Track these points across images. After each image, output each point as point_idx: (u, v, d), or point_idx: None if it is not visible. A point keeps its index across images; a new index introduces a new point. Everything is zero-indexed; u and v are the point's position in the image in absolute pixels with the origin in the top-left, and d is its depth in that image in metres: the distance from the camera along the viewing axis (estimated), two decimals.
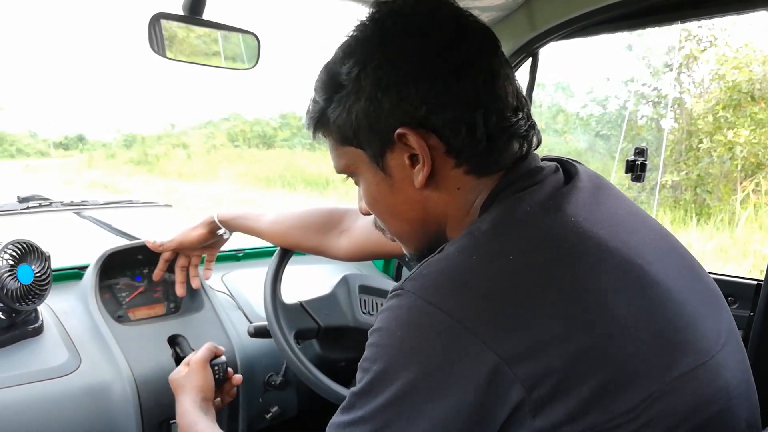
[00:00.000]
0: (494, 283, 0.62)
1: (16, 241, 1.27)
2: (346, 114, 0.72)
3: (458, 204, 0.75)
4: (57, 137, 20.14)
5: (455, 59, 0.69)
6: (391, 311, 0.65)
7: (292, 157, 14.35)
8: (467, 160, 0.72)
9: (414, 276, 0.66)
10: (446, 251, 0.67)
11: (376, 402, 0.62)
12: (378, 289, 1.38)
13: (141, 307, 1.49)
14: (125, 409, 1.26)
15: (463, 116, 0.69)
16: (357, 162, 0.77)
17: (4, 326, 1.26)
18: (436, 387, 0.59)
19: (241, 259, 1.89)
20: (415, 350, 0.61)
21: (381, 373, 0.62)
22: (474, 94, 0.69)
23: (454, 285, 0.62)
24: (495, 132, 0.70)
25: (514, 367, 0.58)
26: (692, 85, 7.90)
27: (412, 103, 0.69)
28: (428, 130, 0.70)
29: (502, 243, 0.65)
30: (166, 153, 16.49)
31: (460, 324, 0.59)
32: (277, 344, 1.21)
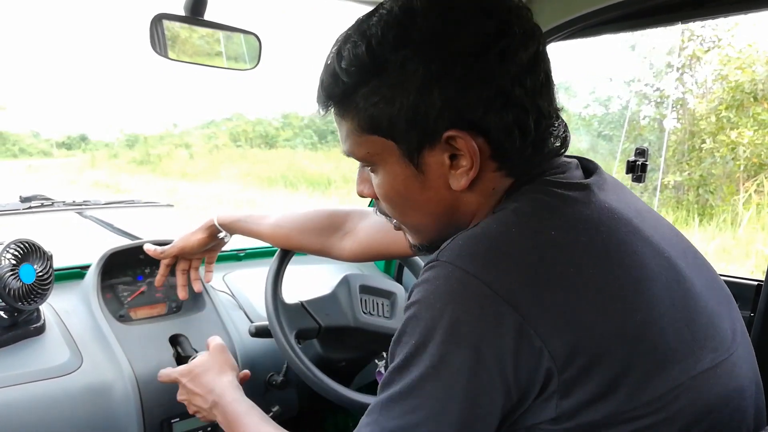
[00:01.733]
0: (535, 257, 0.62)
1: (19, 241, 1.28)
2: (384, 104, 0.67)
3: (489, 204, 0.73)
4: (59, 137, 20.16)
5: (518, 61, 0.65)
6: (427, 283, 0.63)
7: (293, 157, 14.35)
8: (511, 164, 0.70)
9: (450, 246, 0.64)
10: (482, 225, 0.66)
11: (413, 375, 0.61)
12: (379, 289, 1.38)
13: (142, 307, 1.50)
14: (126, 408, 1.26)
15: (518, 121, 0.66)
16: (383, 153, 0.72)
17: (6, 325, 1.26)
18: (471, 357, 0.59)
19: (243, 259, 1.90)
20: (452, 321, 0.60)
21: (418, 346, 0.61)
22: (531, 98, 0.67)
23: (494, 255, 0.62)
24: (542, 136, 0.69)
25: (547, 341, 0.58)
26: (695, 86, 7.89)
27: (468, 103, 0.65)
28: (478, 133, 0.67)
29: (541, 220, 0.65)
30: (168, 153, 16.50)
31: (497, 294, 0.59)
32: (278, 344, 1.21)
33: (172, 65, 1.21)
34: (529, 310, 0.58)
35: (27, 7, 25.32)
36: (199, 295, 1.53)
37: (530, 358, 0.58)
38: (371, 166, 0.76)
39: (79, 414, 1.21)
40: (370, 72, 0.67)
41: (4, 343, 1.25)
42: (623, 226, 0.67)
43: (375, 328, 1.32)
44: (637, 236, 0.67)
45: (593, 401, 0.59)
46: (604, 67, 9.99)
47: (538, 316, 0.58)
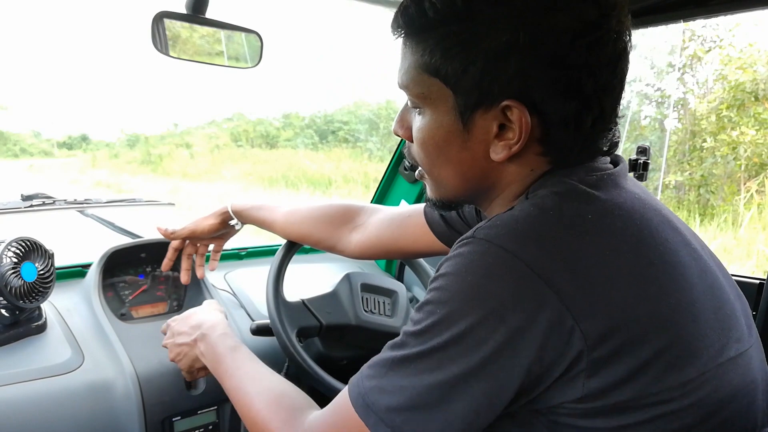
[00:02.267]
0: (572, 239, 0.62)
1: (20, 239, 1.28)
2: (460, 52, 0.65)
3: (523, 182, 0.72)
4: (61, 137, 20.19)
5: (601, 57, 0.64)
6: (461, 257, 0.63)
7: (294, 157, 14.36)
8: (556, 152, 0.69)
9: (487, 225, 0.64)
10: (519, 207, 0.66)
11: (432, 342, 0.61)
12: (380, 287, 1.38)
13: (144, 305, 1.50)
14: (128, 406, 1.26)
15: (578, 113, 0.66)
16: (437, 99, 0.70)
17: (7, 323, 1.27)
18: (500, 332, 0.59)
19: (244, 258, 1.90)
20: (485, 294, 0.60)
21: (443, 316, 0.61)
22: (598, 96, 0.65)
23: (532, 235, 0.62)
24: (595, 135, 0.69)
25: (581, 321, 0.58)
26: (696, 86, 7.88)
27: (537, 82, 0.64)
28: (534, 112, 0.66)
29: (578, 205, 0.65)
30: (169, 153, 16.51)
31: (534, 272, 0.59)
32: (280, 342, 1.22)
33: (173, 64, 1.21)
34: (566, 290, 0.59)
35: (28, 6, 25.34)
36: (200, 293, 1.54)
37: (561, 337, 0.59)
38: (419, 108, 0.73)
39: (81, 412, 1.21)
40: (459, 16, 0.64)
41: (5, 342, 1.25)
42: (654, 215, 0.68)
43: (376, 327, 1.32)
44: (668, 225, 0.68)
45: (621, 382, 0.59)
46: None
47: (573, 297, 0.59)
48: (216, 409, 1.40)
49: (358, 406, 0.65)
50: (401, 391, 0.62)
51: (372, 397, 0.64)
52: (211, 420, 1.40)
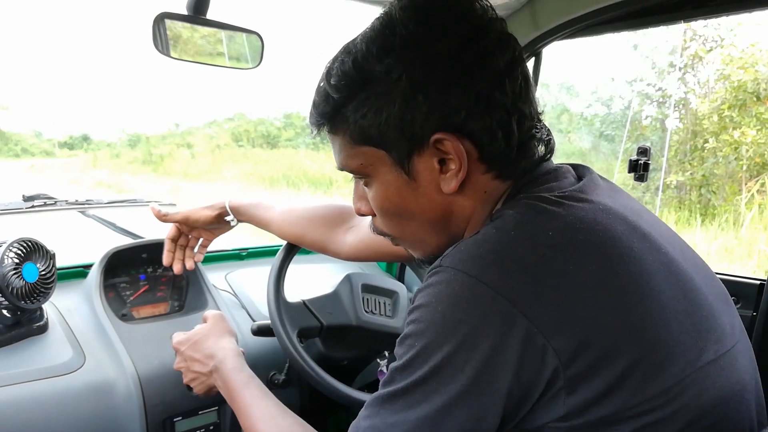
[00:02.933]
0: (535, 256, 0.62)
1: (21, 240, 1.28)
2: (373, 114, 0.69)
3: (484, 207, 0.75)
4: (62, 137, 20.27)
5: (496, 65, 0.68)
6: (431, 288, 0.64)
7: (295, 157, 14.38)
8: (498, 165, 0.72)
9: (451, 253, 0.65)
10: (482, 231, 0.67)
11: (414, 376, 0.62)
12: (381, 288, 1.38)
13: (145, 306, 1.50)
14: (129, 406, 1.26)
15: (501, 123, 0.69)
16: (375, 163, 0.74)
17: (9, 324, 1.27)
18: (475, 358, 0.59)
19: (245, 258, 1.90)
20: (454, 322, 0.61)
21: (421, 349, 0.62)
22: (512, 101, 0.69)
23: (494, 257, 0.63)
24: (525, 138, 0.71)
25: (551, 338, 0.59)
26: (697, 85, 7.87)
27: (451, 107, 0.67)
28: (464, 136, 0.69)
29: (539, 223, 0.65)
30: (170, 153, 16.56)
31: (499, 294, 0.59)
32: (281, 343, 1.22)
33: (174, 65, 1.22)
34: (532, 309, 0.59)
35: (29, 7, 25.34)
36: (201, 294, 1.54)
37: (534, 357, 0.59)
38: (365, 179, 0.77)
39: (82, 412, 1.21)
40: (358, 85, 0.70)
41: (6, 342, 1.26)
42: (619, 224, 0.67)
43: (377, 327, 1.32)
44: (634, 233, 0.68)
45: (601, 396, 0.60)
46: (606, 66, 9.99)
47: (541, 315, 0.59)
48: (217, 409, 1.41)
49: None
50: (392, 428, 0.63)
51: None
52: (212, 420, 1.40)
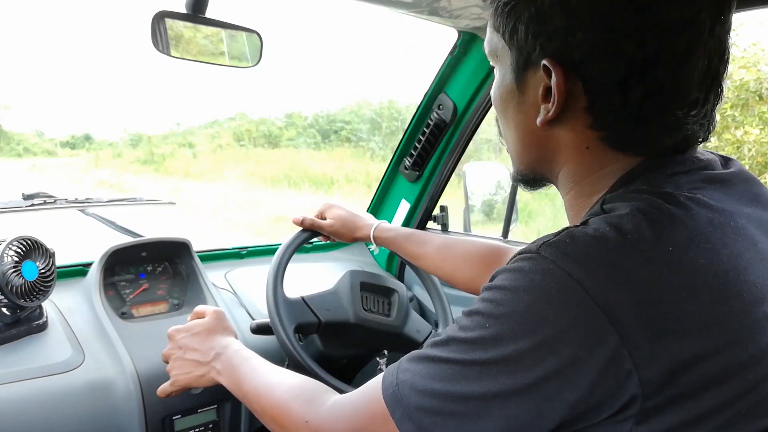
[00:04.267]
0: (647, 273, 0.55)
1: (21, 238, 1.28)
2: (513, 7, 0.66)
3: (584, 163, 0.68)
4: (64, 136, 20.30)
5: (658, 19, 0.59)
6: (521, 273, 0.58)
7: (297, 157, 14.39)
8: (605, 126, 0.65)
9: (555, 242, 0.58)
10: (595, 225, 0.58)
11: (476, 355, 0.58)
12: (380, 286, 1.38)
13: (144, 304, 1.51)
14: (128, 404, 1.26)
15: (621, 83, 0.61)
16: (501, 56, 0.70)
17: (8, 322, 1.27)
18: (548, 360, 0.54)
19: (244, 257, 1.90)
20: (539, 320, 0.55)
21: (493, 332, 0.57)
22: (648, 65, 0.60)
23: (603, 262, 0.55)
24: (652, 115, 0.62)
25: (641, 367, 0.53)
26: None
27: (580, 42, 0.61)
28: (578, 77, 0.63)
29: (660, 232, 0.57)
30: (172, 152, 16.58)
31: (598, 306, 0.53)
32: (279, 340, 1.22)
33: (175, 64, 1.22)
34: (629, 330, 0.53)
35: (31, 6, 25.40)
36: (201, 292, 1.54)
37: (615, 380, 0.54)
38: (495, 67, 0.74)
39: (82, 410, 1.21)
40: None
41: (6, 340, 1.26)
42: (746, 249, 0.59)
43: (374, 325, 1.32)
44: (761, 264, 0.59)
45: (673, 429, 0.55)
46: None
47: (637, 339, 0.53)
48: (216, 407, 1.41)
49: (388, 396, 0.63)
50: (434, 395, 0.59)
51: (404, 391, 0.62)
52: (212, 418, 1.40)
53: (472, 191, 1.97)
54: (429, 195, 1.90)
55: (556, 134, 0.68)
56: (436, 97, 1.76)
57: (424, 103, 1.79)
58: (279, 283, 1.27)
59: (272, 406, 0.84)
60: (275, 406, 0.84)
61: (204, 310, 1.17)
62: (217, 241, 1.75)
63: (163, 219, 3.59)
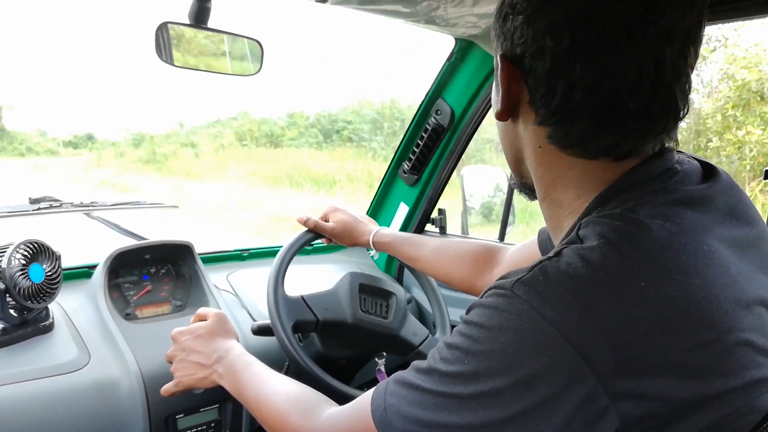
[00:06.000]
0: (620, 312, 0.55)
1: (28, 241, 1.31)
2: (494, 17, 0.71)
3: (543, 165, 0.71)
4: (66, 136, 20.31)
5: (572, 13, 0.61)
6: (496, 311, 0.59)
7: (299, 157, 14.40)
8: (548, 124, 0.66)
9: (526, 279, 0.59)
10: (567, 258, 0.59)
11: (456, 389, 0.59)
12: (378, 289, 1.41)
13: (148, 306, 1.54)
14: (132, 404, 1.29)
15: (548, 79, 0.63)
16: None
17: (16, 323, 1.30)
18: (526, 397, 0.56)
19: (246, 259, 1.93)
20: (516, 361, 0.56)
21: (471, 369, 0.59)
22: (568, 61, 0.61)
23: (576, 303, 0.56)
24: (580, 112, 0.63)
25: (617, 402, 0.54)
26: (701, 85, 7.82)
27: (518, 39, 0.65)
28: (521, 71, 0.66)
29: (632, 263, 0.58)
30: (174, 152, 16.59)
31: (572, 347, 0.54)
32: (278, 337, 1.24)
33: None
34: (605, 369, 0.54)
35: (34, 7, 25.43)
36: (203, 294, 1.58)
37: (593, 415, 0.55)
38: None
39: (87, 409, 1.24)
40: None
41: (14, 341, 1.29)
42: (719, 275, 0.59)
43: (371, 326, 1.35)
44: (732, 288, 0.60)
45: None
46: None
47: (613, 378, 0.54)
48: (218, 407, 1.44)
49: (377, 419, 0.66)
50: (419, 422, 0.62)
51: (391, 416, 0.65)
52: (213, 417, 1.43)
53: (470, 195, 2.00)
54: (427, 198, 1.93)
55: (518, 131, 0.72)
56: (434, 102, 1.79)
57: (423, 108, 1.82)
58: (280, 282, 1.29)
59: (271, 416, 0.88)
60: (273, 416, 0.87)
61: (206, 313, 1.20)
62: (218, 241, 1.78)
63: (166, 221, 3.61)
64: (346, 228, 1.40)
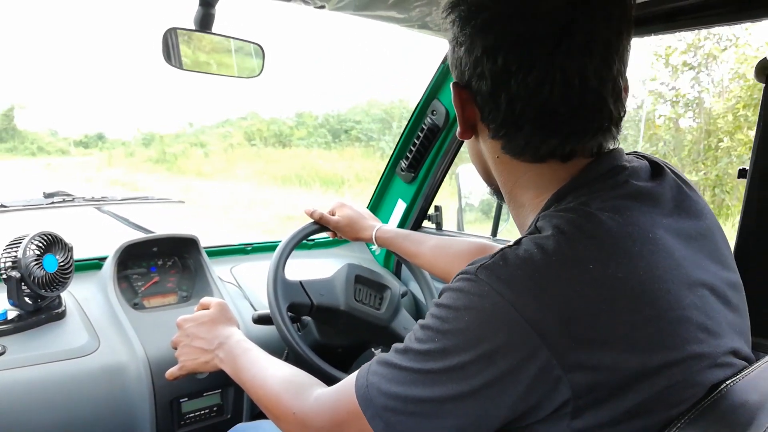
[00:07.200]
0: (571, 291, 0.62)
1: (42, 233, 1.39)
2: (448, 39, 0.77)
3: (503, 173, 0.79)
4: (77, 136, 20.44)
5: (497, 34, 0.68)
6: (461, 293, 0.66)
7: (307, 157, 14.43)
8: (499, 137, 0.74)
9: (489, 264, 0.66)
10: (525, 246, 0.66)
11: (428, 365, 0.66)
12: (374, 281, 1.46)
13: (155, 296, 1.61)
14: (139, 387, 1.37)
15: (492, 96, 0.70)
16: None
17: (30, 310, 1.38)
18: (489, 372, 0.62)
19: (249, 253, 2.01)
20: (478, 336, 0.63)
21: (440, 346, 0.65)
22: (505, 78, 0.68)
23: (531, 285, 0.63)
24: (522, 122, 0.70)
25: (569, 372, 0.60)
26: (711, 84, 7.75)
27: (464, 65, 0.72)
28: (471, 94, 0.73)
29: (581, 251, 0.64)
30: (184, 151, 16.66)
31: (529, 325, 0.60)
32: (276, 324, 1.29)
33: None
34: (558, 344, 0.60)
35: (45, 8, 25.59)
36: (207, 285, 1.65)
37: (548, 384, 0.61)
38: None
39: (97, 391, 1.32)
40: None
41: (29, 327, 1.37)
42: (663, 259, 0.66)
43: (363, 315, 1.41)
44: (676, 272, 0.67)
45: (607, 424, 0.63)
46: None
47: (565, 351, 0.60)
48: (220, 392, 1.51)
49: (360, 397, 0.71)
50: (397, 397, 0.68)
51: (372, 393, 0.70)
52: (216, 402, 1.51)
53: (465, 192, 2.05)
54: (424, 195, 1.98)
55: (480, 146, 0.80)
56: (429, 102, 1.85)
57: (419, 109, 1.88)
58: (281, 265, 1.35)
59: (266, 397, 0.94)
60: (268, 397, 0.93)
61: (209, 302, 1.25)
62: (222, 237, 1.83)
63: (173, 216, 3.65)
64: (350, 222, 1.46)
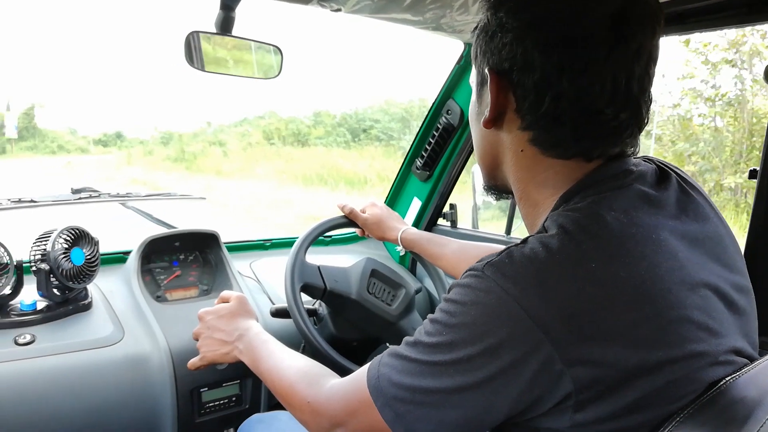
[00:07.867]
0: (573, 288, 0.64)
1: (70, 228, 1.45)
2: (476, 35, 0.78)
3: (523, 167, 0.79)
4: (96, 134, 20.66)
5: (551, 33, 0.69)
6: (469, 288, 0.68)
7: (327, 156, 14.43)
8: (532, 128, 0.74)
9: (495, 262, 0.68)
10: (531, 244, 0.68)
11: (437, 357, 0.68)
12: (389, 278, 1.49)
13: (177, 289, 1.66)
14: (162, 377, 1.42)
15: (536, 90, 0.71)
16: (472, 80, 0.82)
17: (58, 301, 1.44)
18: (493, 363, 0.64)
19: (268, 248, 2.06)
20: (483, 330, 0.65)
21: (448, 339, 0.67)
22: (556, 75, 0.69)
23: (536, 282, 0.64)
24: (564, 119, 0.71)
25: (571, 367, 0.62)
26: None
27: (507, 54, 0.72)
28: (509, 84, 0.74)
29: (585, 250, 0.66)
30: (203, 150, 16.75)
31: (532, 320, 0.62)
32: (294, 320, 1.33)
33: None
34: (560, 339, 0.62)
35: (65, 8, 25.85)
36: (228, 280, 1.70)
37: (550, 378, 0.63)
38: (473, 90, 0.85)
39: (121, 380, 1.37)
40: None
41: (57, 317, 1.42)
42: (665, 260, 0.68)
43: (373, 308, 1.44)
44: (679, 272, 0.68)
45: (609, 418, 0.65)
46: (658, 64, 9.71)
47: (567, 346, 0.62)
48: (239, 382, 1.56)
49: (372, 387, 0.74)
50: (406, 388, 0.70)
51: (383, 383, 0.73)
52: (235, 392, 1.55)
53: (481, 190, 2.07)
54: (439, 193, 2.01)
55: (500, 137, 0.80)
56: (444, 102, 1.88)
57: (434, 108, 1.91)
58: (304, 247, 1.40)
59: (282, 387, 0.97)
60: (284, 386, 0.97)
61: (229, 295, 1.29)
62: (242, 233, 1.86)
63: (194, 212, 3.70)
64: (378, 221, 1.51)
